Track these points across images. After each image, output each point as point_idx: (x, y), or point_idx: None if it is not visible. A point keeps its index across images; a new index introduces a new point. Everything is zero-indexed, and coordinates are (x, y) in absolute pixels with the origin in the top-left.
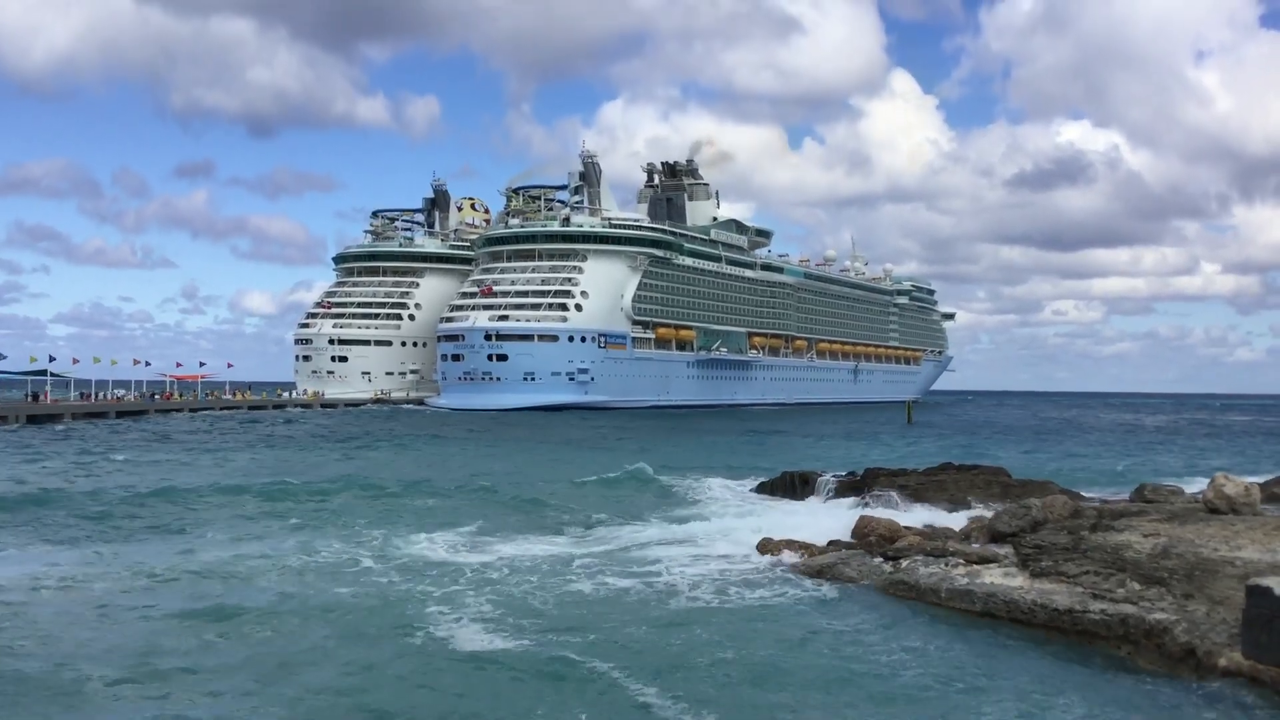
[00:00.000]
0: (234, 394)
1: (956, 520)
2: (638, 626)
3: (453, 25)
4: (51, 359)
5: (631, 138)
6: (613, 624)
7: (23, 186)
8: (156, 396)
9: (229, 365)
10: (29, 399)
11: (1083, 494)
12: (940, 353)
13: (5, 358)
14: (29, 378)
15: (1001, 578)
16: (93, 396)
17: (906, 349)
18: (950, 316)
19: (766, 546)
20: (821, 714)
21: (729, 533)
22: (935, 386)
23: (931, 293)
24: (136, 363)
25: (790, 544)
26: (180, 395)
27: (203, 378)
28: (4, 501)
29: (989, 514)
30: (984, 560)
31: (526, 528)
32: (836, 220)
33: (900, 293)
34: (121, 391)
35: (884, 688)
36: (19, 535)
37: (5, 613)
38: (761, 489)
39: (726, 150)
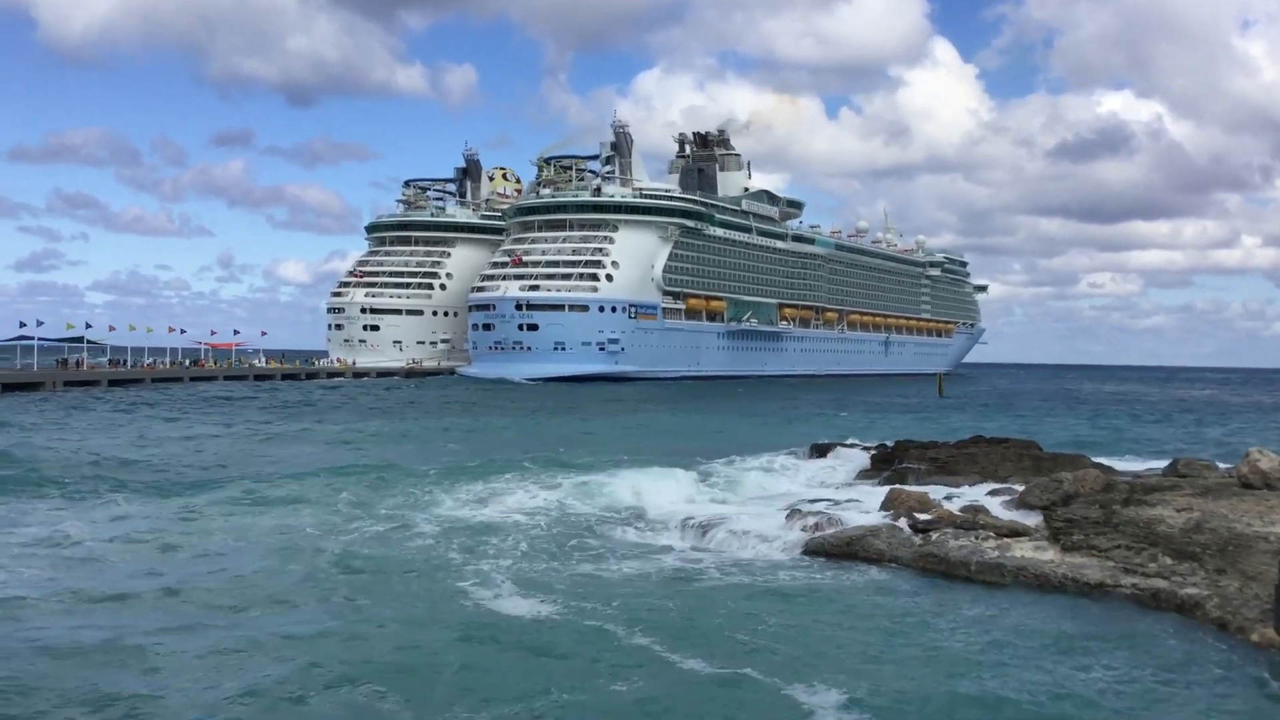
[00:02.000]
0: (267, 362)
1: (987, 493)
2: (669, 598)
3: None
4: (88, 326)
5: (667, 107)
6: (645, 595)
7: (62, 154)
8: (191, 364)
9: (263, 333)
10: (59, 365)
11: (1115, 467)
12: (972, 325)
13: (43, 324)
14: (66, 344)
15: (1032, 551)
16: (124, 363)
17: (938, 321)
18: (983, 289)
19: (794, 518)
20: (864, 682)
21: (757, 504)
22: (967, 359)
23: (964, 264)
24: (172, 330)
25: (819, 516)
26: (215, 363)
27: (237, 346)
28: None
29: (1020, 487)
30: (1014, 533)
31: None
32: (872, 191)
33: (933, 264)
34: (152, 359)
35: (917, 652)
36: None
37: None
38: (790, 459)
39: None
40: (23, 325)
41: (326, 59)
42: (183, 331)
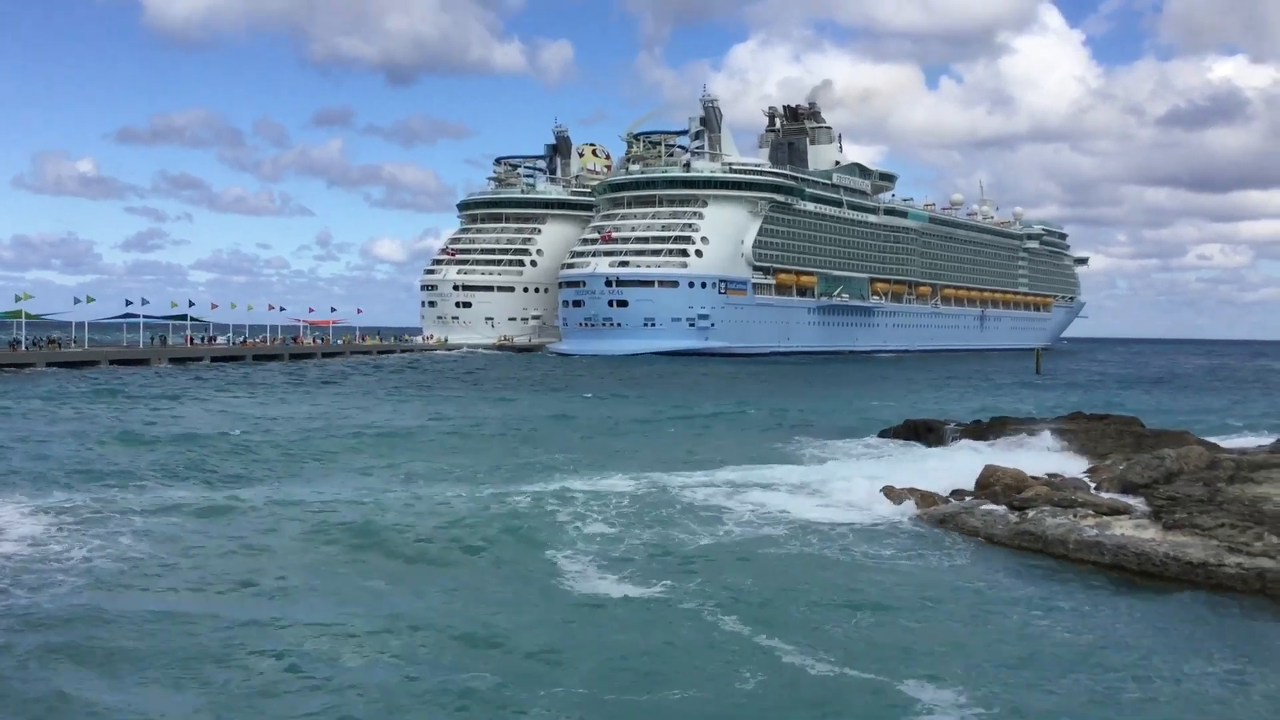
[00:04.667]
0: (362, 339)
1: (1086, 471)
2: (761, 576)
3: None
4: (191, 304)
5: (763, 80)
6: (734, 572)
7: (168, 135)
8: (291, 340)
9: (359, 311)
10: (159, 342)
11: (1220, 444)
12: (1072, 299)
13: (148, 303)
14: (170, 322)
15: (1133, 529)
16: (209, 340)
17: (1036, 295)
18: (1083, 261)
19: (888, 494)
20: (953, 672)
21: (851, 480)
22: (1067, 333)
23: (1063, 236)
24: (271, 308)
25: (912, 493)
26: (313, 340)
27: (334, 323)
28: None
29: (1121, 464)
30: (1114, 511)
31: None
32: (972, 162)
33: (1030, 237)
34: (242, 336)
35: (1016, 639)
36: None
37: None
38: (884, 436)
39: None
40: (129, 304)
41: (426, 37)
42: (282, 309)
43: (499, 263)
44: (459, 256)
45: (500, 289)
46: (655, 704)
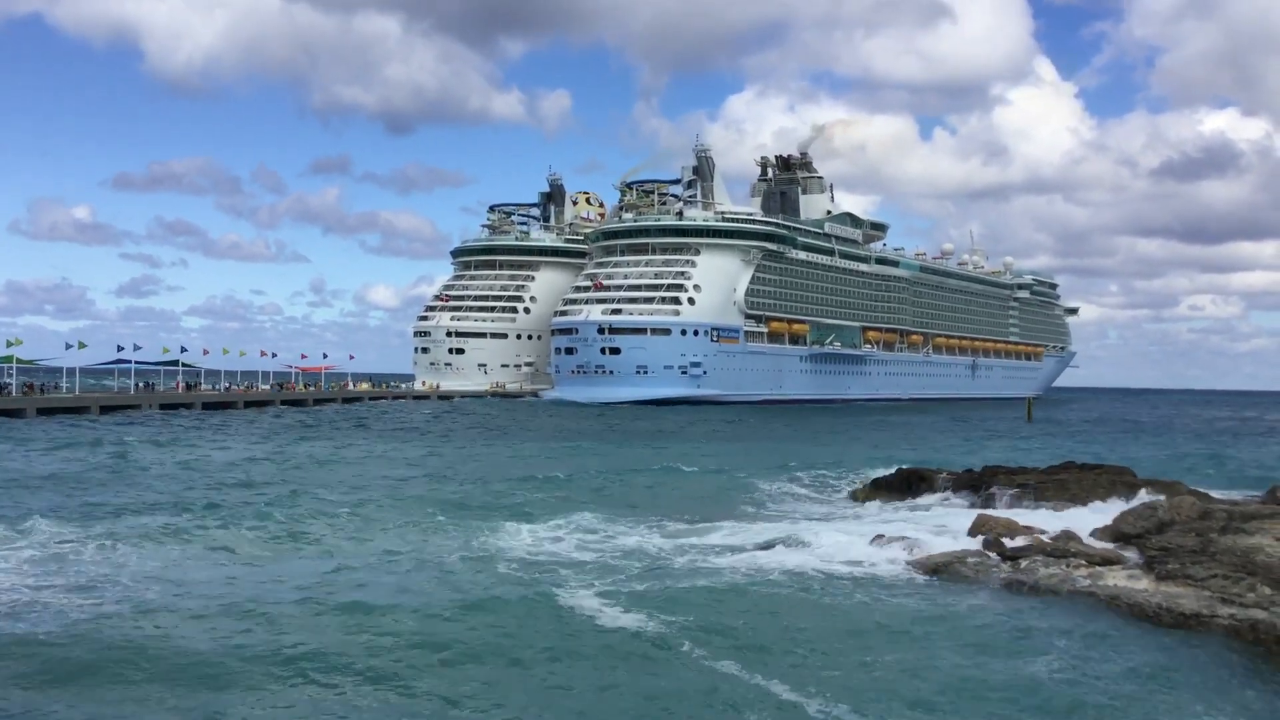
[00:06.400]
0: (357, 385)
1: (1078, 520)
2: (759, 624)
3: (592, 18)
4: (183, 350)
5: (758, 130)
6: (732, 620)
7: (166, 182)
8: (280, 387)
9: (351, 357)
10: (146, 388)
11: (1212, 495)
12: (1063, 348)
13: (140, 349)
14: (161, 368)
15: (1125, 580)
16: (183, 386)
17: (1027, 344)
18: (1073, 311)
19: (880, 544)
20: (947, 715)
21: (843, 530)
22: (1058, 383)
23: (1054, 286)
24: (264, 354)
25: (905, 542)
26: (305, 386)
27: (326, 369)
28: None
29: (1113, 514)
30: (1107, 562)
31: (634, 519)
32: (965, 212)
33: (1021, 286)
34: (227, 384)
35: (1011, 687)
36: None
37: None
38: (876, 486)
39: None
40: (120, 349)
41: (425, 86)
42: (274, 355)
43: (492, 309)
44: (452, 303)
45: (493, 335)
46: None
